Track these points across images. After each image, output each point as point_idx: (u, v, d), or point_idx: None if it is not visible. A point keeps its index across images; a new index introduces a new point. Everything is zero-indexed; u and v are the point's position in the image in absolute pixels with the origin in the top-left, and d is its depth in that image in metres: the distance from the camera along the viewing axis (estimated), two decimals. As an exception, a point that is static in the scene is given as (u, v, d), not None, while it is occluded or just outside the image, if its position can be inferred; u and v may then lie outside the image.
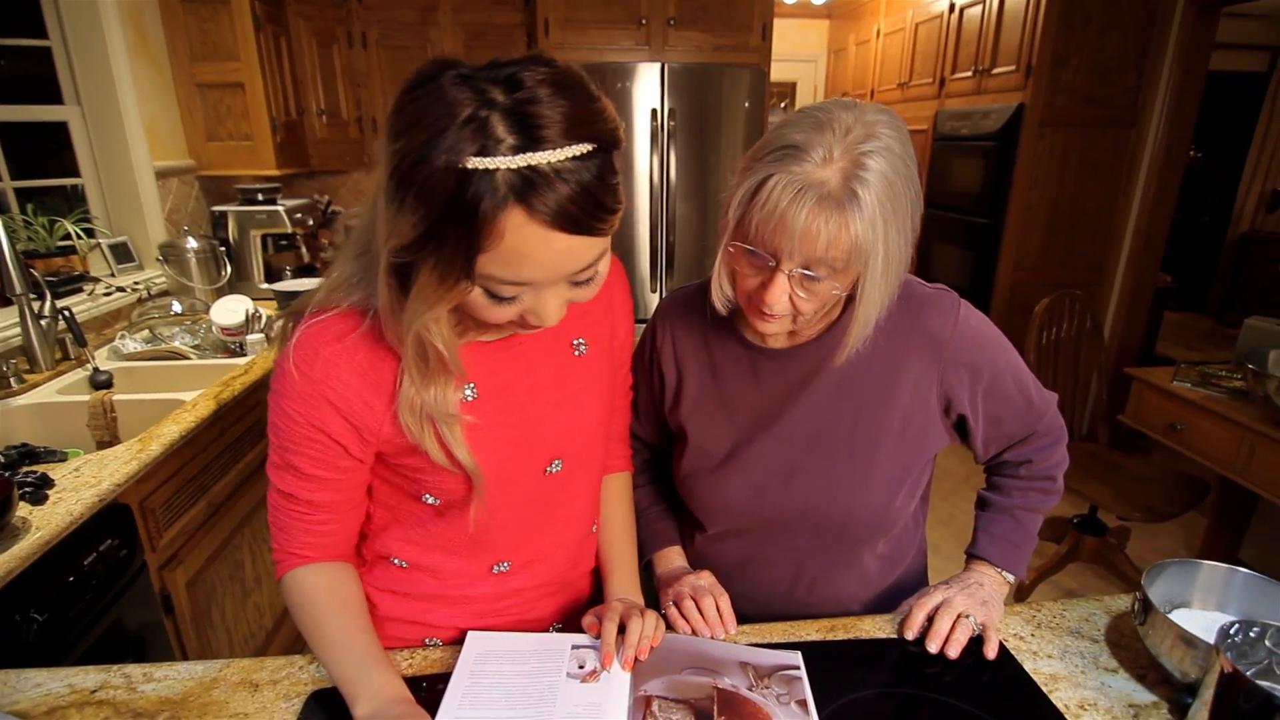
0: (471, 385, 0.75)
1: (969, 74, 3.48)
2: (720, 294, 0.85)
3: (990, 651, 0.84)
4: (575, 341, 0.84)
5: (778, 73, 4.58)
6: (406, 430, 0.70)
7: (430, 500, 0.79)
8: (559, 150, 0.54)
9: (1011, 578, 0.96)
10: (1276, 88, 5.38)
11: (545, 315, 0.65)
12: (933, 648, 0.84)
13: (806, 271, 0.74)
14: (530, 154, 0.54)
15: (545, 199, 0.55)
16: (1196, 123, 3.09)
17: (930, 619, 0.88)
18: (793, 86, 5.39)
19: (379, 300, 0.65)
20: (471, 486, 0.76)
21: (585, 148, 0.56)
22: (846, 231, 0.71)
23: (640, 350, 1.04)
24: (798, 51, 5.28)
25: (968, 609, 0.87)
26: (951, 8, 3.57)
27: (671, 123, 3.08)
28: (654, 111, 3.06)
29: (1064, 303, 2.52)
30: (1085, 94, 3.08)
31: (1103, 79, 3.07)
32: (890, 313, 0.87)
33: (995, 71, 3.28)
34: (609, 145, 0.59)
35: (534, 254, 0.58)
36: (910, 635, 0.87)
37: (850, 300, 0.83)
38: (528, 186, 0.54)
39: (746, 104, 3.13)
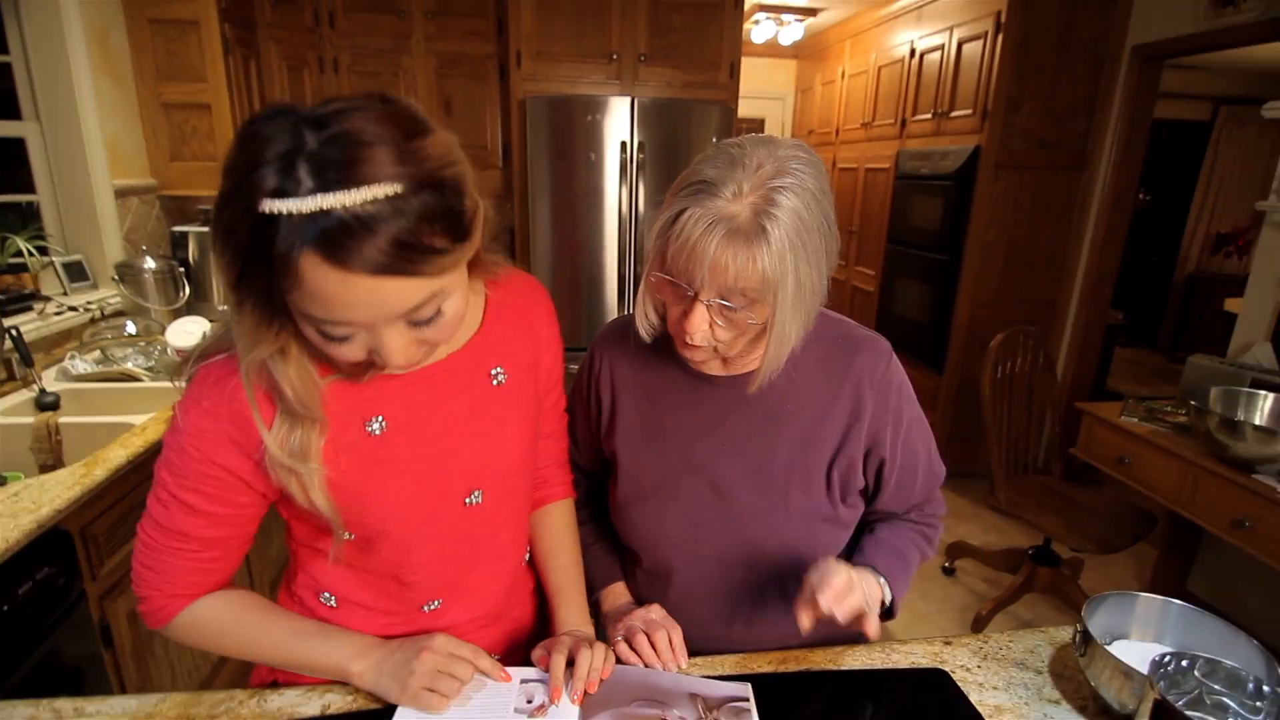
0: (380, 418, 0.75)
1: (929, 116, 3.59)
2: (645, 322, 0.87)
3: (871, 630, 0.82)
4: (493, 371, 0.83)
5: (746, 109, 4.70)
6: (272, 473, 0.69)
7: (346, 535, 0.78)
8: (357, 192, 0.53)
9: (889, 594, 0.91)
10: (1218, 136, 5.65)
11: (387, 355, 0.63)
12: (823, 604, 0.78)
13: (723, 302, 0.77)
14: (324, 196, 0.53)
15: (339, 242, 0.54)
16: (1144, 167, 3.23)
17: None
18: (761, 123, 5.52)
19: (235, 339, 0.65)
20: (387, 524, 0.76)
21: (394, 188, 0.55)
22: (754, 264, 0.73)
23: (579, 379, 1.04)
24: (766, 89, 5.42)
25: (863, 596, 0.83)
26: (912, 53, 3.70)
27: (641, 155, 3.13)
28: (624, 144, 3.11)
29: (1018, 338, 2.59)
30: (1038, 138, 3.21)
31: (1055, 124, 3.20)
32: (826, 354, 0.91)
33: (953, 114, 3.40)
34: (433, 185, 0.57)
35: (340, 296, 0.56)
36: (806, 623, 0.79)
37: None
38: (319, 230, 0.53)
39: (714, 139, 3.19)
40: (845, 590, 0.79)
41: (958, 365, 3.48)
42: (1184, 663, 0.76)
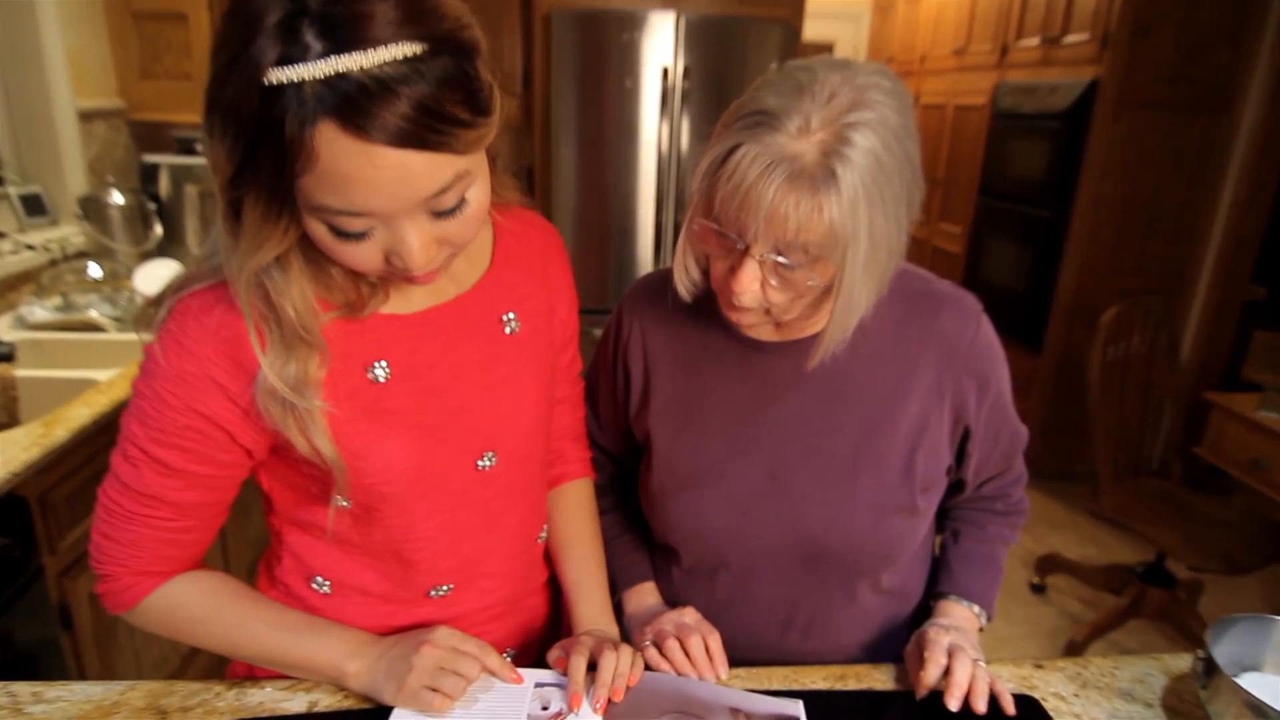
0: (383, 363, 0.76)
1: (1035, 42, 3.49)
2: (685, 278, 0.86)
3: (1010, 706, 0.82)
4: (505, 317, 0.84)
5: (812, 30, 4.59)
6: (266, 414, 0.70)
7: (342, 503, 0.78)
8: (375, 52, 0.54)
9: (985, 619, 1.00)
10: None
11: (407, 252, 0.64)
12: (954, 705, 0.81)
13: (778, 258, 0.74)
14: (338, 58, 0.54)
15: (358, 108, 0.54)
16: (1302, 111, 3.10)
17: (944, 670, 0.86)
18: (830, 47, 5.40)
19: (224, 255, 0.66)
20: (390, 487, 0.77)
21: (413, 48, 0.55)
22: (820, 215, 0.70)
23: (603, 345, 1.04)
24: (837, 7, 5.29)
25: (975, 656, 0.86)
26: (1019, -37, 3.59)
27: (685, 84, 3.09)
28: (665, 70, 3.07)
29: (1136, 313, 2.52)
30: (1171, 71, 3.09)
31: (1192, 55, 3.08)
32: (904, 312, 0.89)
33: (1066, 40, 3.29)
34: (451, 47, 0.58)
35: (359, 174, 0.57)
36: (923, 693, 0.83)
37: None
38: (337, 95, 0.54)
39: (774, 65, 3.13)
40: (966, 679, 0.82)
41: (1059, 344, 3.41)
42: (1331, 700, 0.74)
